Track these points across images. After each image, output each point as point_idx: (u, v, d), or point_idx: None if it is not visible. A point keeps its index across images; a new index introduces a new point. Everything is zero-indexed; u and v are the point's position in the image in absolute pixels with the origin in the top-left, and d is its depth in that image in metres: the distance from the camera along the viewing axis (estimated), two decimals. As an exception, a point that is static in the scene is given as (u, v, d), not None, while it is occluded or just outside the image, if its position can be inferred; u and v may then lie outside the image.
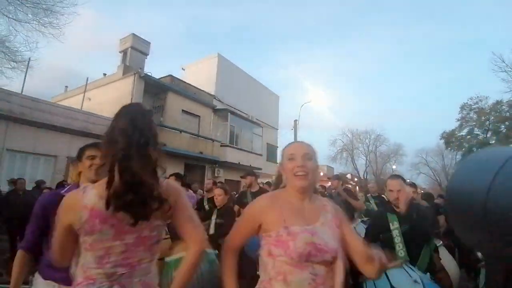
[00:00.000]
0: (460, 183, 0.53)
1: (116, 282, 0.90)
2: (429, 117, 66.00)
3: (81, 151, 1.58)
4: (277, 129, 20.55)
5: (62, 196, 1.05)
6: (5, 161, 7.27)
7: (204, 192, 4.35)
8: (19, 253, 1.39)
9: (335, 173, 32.83)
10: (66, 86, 13.68)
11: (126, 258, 0.92)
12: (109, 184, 0.87)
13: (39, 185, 6.11)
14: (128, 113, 0.96)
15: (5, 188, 5.85)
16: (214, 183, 5.09)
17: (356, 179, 33.71)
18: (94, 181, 1.55)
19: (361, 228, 3.70)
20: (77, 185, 1.61)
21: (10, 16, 5.77)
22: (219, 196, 3.24)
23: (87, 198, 0.90)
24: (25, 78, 7.70)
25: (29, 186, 5.97)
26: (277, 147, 20.12)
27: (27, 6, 5.86)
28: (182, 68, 16.21)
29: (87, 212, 0.88)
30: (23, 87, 8.12)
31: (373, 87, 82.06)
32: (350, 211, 3.83)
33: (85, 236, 0.89)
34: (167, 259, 2.29)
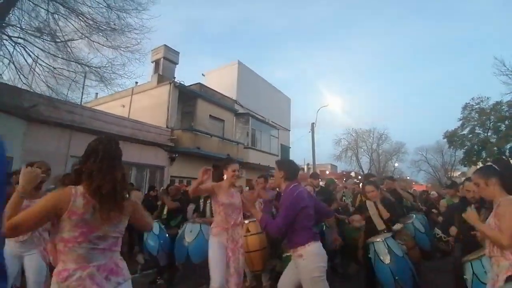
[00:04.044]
0: None
1: None
2: (428, 115, 67.36)
3: (226, 163, 2.84)
4: (289, 130, 21.50)
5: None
6: (69, 167, 8.06)
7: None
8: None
9: (338, 171, 33.43)
10: (97, 93, 14.38)
11: None
12: None
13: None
14: None
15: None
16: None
17: (360, 177, 34.77)
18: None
19: (418, 223, 4.54)
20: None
21: (89, 37, 6.50)
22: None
23: None
24: (83, 89, 8.45)
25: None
26: (290, 147, 21.09)
27: (100, 29, 6.58)
28: (203, 74, 17.02)
29: None
30: (81, 98, 8.89)
31: (374, 87, 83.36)
32: (401, 208, 4.71)
33: None
34: None
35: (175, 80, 11.61)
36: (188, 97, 12.49)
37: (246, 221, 3.73)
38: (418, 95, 78.96)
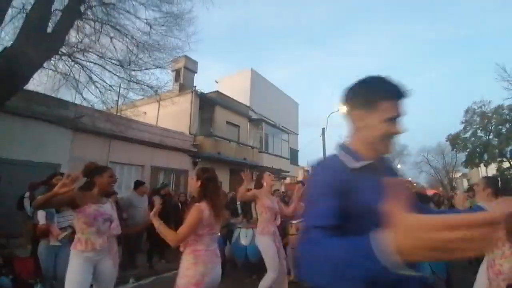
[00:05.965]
0: None
1: None
2: (430, 117, 68.10)
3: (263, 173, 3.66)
4: (298, 134, 22.24)
5: None
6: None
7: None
8: None
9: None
10: (117, 100, 15.09)
11: None
12: None
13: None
14: None
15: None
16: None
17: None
18: None
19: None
20: None
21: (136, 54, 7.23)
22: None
23: None
24: (118, 100, 9.17)
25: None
26: (298, 150, 21.84)
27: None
28: (216, 81, 17.77)
29: None
30: (117, 107, 9.61)
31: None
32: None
33: None
34: None
35: (196, 89, 12.36)
36: (207, 104, 13.23)
37: (295, 222, 4.40)
38: (420, 97, 79.84)
